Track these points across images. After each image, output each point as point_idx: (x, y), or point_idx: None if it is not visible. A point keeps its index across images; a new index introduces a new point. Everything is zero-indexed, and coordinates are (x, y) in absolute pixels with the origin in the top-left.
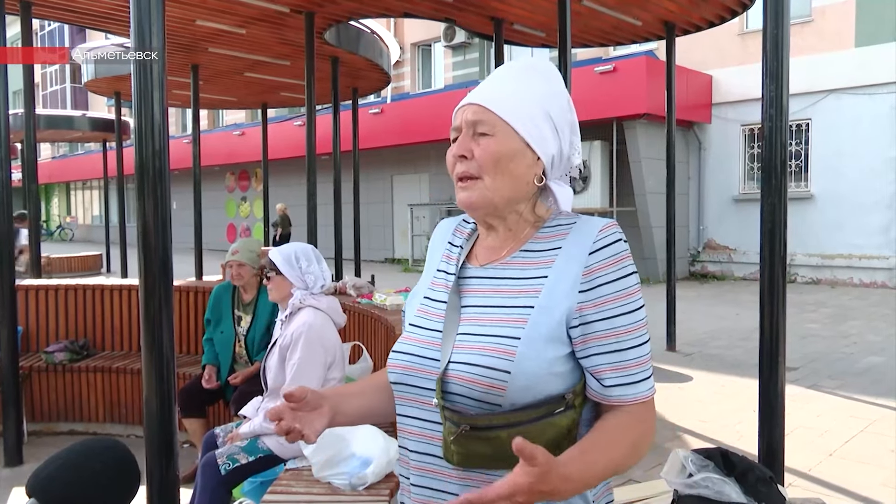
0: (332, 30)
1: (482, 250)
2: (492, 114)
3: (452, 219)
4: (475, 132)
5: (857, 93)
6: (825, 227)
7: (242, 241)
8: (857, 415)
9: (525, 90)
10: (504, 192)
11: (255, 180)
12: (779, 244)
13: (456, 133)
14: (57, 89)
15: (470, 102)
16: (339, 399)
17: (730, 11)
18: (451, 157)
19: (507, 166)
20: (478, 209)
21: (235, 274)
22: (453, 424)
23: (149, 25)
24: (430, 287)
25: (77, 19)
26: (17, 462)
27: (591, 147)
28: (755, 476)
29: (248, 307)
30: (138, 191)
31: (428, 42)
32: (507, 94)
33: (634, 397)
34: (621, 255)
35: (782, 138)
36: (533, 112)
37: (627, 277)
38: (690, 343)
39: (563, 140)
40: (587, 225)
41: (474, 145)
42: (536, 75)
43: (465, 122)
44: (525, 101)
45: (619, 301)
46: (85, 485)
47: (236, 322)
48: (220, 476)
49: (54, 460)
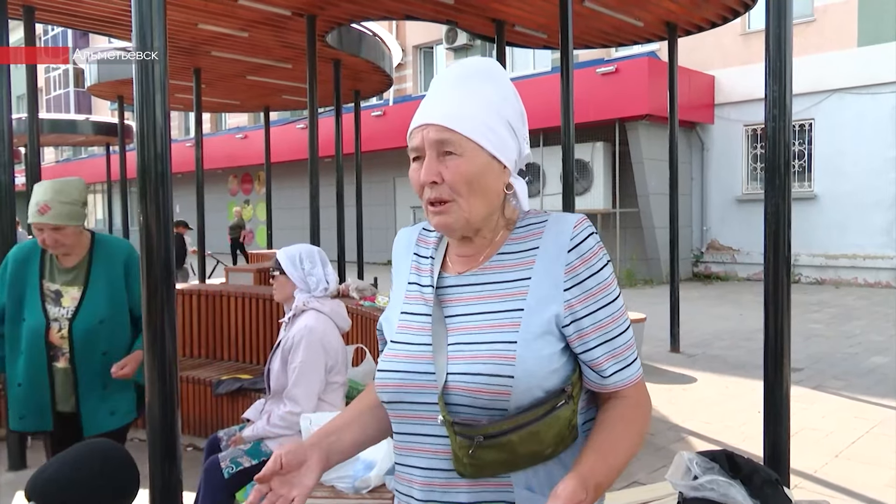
0: (334, 32)
1: (456, 258)
2: (455, 133)
3: (411, 228)
4: (440, 153)
5: (860, 92)
6: (829, 228)
7: (51, 184)
8: (862, 416)
9: (479, 100)
10: (480, 211)
11: (258, 183)
12: (783, 245)
13: (416, 153)
14: (60, 94)
15: (428, 123)
16: (329, 440)
17: (732, 12)
18: (419, 183)
19: (479, 184)
20: (455, 231)
21: (51, 242)
22: (465, 438)
23: (150, 29)
24: (406, 301)
25: (80, 24)
26: (20, 466)
27: (593, 148)
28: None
29: (74, 275)
30: (140, 194)
31: (430, 44)
32: (464, 109)
33: (630, 380)
34: (596, 248)
35: (786, 138)
36: (491, 122)
37: (605, 268)
38: (694, 344)
39: (519, 138)
40: (560, 223)
41: (443, 168)
42: (484, 80)
43: (427, 144)
44: (482, 111)
45: (603, 292)
46: (83, 488)
47: (49, 301)
48: (223, 479)
49: (53, 464)
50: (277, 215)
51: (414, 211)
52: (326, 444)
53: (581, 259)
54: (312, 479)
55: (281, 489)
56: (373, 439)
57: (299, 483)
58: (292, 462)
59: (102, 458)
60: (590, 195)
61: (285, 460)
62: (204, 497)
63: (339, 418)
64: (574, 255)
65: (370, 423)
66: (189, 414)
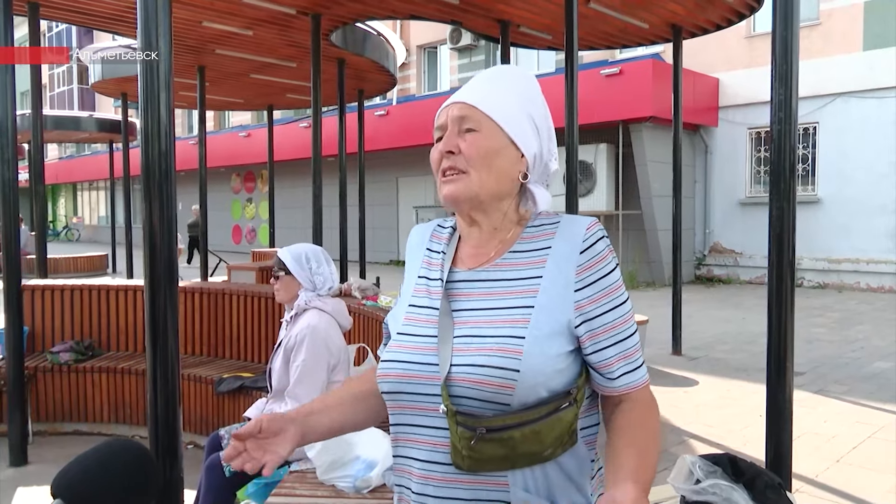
0: (339, 32)
1: (467, 253)
2: (477, 111)
3: (425, 225)
4: (461, 129)
5: (865, 96)
6: (832, 231)
7: None
8: (865, 420)
9: (508, 90)
10: (489, 187)
11: (261, 182)
12: (787, 249)
13: (440, 132)
14: (64, 90)
15: (455, 101)
16: (308, 418)
17: (737, 14)
18: (437, 153)
19: (493, 161)
20: (462, 202)
21: None
22: (467, 429)
23: (155, 27)
24: (414, 294)
25: (84, 20)
26: (21, 462)
27: (596, 150)
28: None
29: None
30: (144, 192)
31: (434, 44)
32: (490, 93)
33: (638, 383)
34: (606, 251)
35: (791, 142)
36: (515, 111)
37: (615, 271)
38: (696, 347)
39: (542, 141)
40: (573, 225)
41: (461, 141)
42: (518, 78)
43: (450, 120)
44: (508, 100)
45: (612, 294)
46: (109, 486)
47: None
48: (224, 478)
49: (80, 461)
50: (280, 214)
51: (416, 211)
52: (305, 421)
53: (592, 261)
54: (286, 449)
55: (255, 452)
56: (352, 426)
57: (273, 451)
58: (271, 428)
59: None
60: (593, 197)
61: (265, 426)
62: (205, 495)
63: (322, 399)
64: (586, 257)
65: (352, 411)
66: (190, 412)
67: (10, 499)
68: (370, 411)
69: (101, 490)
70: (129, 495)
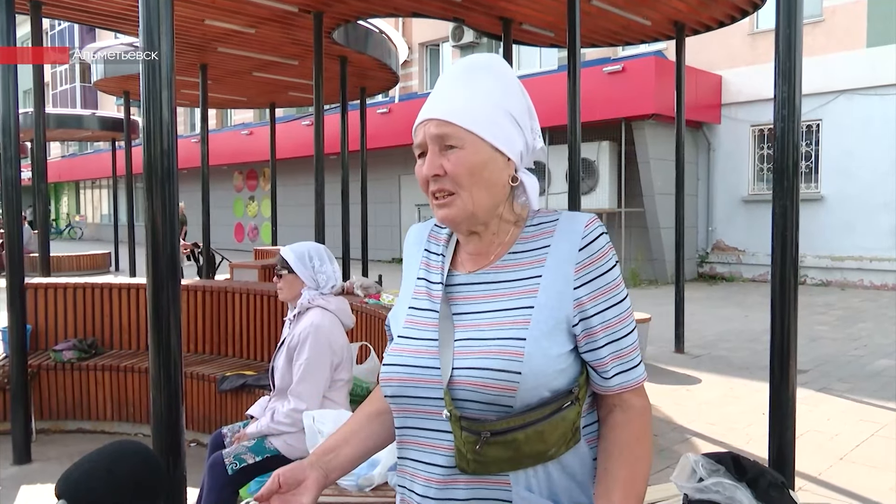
0: (341, 29)
1: (466, 256)
2: (455, 126)
3: (422, 224)
4: (442, 147)
5: (868, 93)
6: (835, 229)
7: None
8: (868, 418)
9: (479, 94)
10: (483, 202)
11: (263, 180)
12: (791, 247)
13: (420, 150)
14: (67, 88)
15: (430, 118)
16: (327, 458)
17: (740, 11)
18: (423, 177)
19: (481, 175)
20: (460, 224)
21: None
22: (471, 433)
23: (157, 25)
24: (414, 296)
25: (86, 19)
26: (25, 460)
27: (599, 148)
28: (766, 481)
29: None
30: (146, 190)
31: (436, 42)
32: (465, 103)
33: (632, 383)
34: (606, 248)
35: (795, 139)
36: (493, 114)
37: (614, 269)
38: (699, 345)
39: (525, 131)
40: (572, 222)
41: (444, 161)
42: (485, 75)
43: (429, 138)
44: (483, 105)
45: (611, 292)
46: (114, 488)
47: None
48: (227, 476)
49: (85, 463)
50: (282, 212)
51: (419, 209)
52: (324, 462)
53: (591, 258)
54: (310, 497)
55: None
56: (373, 450)
57: (297, 502)
58: (290, 481)
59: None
60: (595, 194)
61: (283, 479)
62: (207, 493)
63: (338, 433)
64: (585, 254)
65: (370, 436)
66: (193, 410)
67: (14, 496)
68: (388, 429)
69: (107, 493)
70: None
